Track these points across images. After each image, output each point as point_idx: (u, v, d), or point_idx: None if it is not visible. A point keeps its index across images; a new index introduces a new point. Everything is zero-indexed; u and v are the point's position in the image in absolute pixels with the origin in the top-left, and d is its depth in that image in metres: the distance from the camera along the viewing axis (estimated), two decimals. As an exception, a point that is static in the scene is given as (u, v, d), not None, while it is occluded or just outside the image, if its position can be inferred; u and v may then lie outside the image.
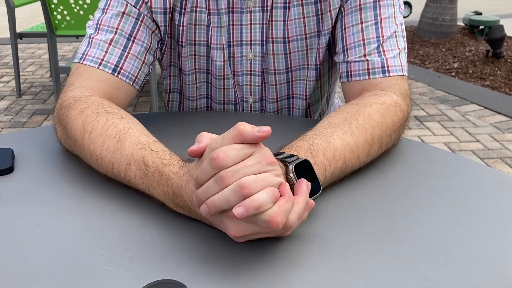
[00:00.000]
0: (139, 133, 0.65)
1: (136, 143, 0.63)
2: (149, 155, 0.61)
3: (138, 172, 0.61)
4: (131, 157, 0.62)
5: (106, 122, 0.67)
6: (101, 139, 0.65)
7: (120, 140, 0.64)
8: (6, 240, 0.55)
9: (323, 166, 0.61)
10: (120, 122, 0.67)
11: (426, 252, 0.53)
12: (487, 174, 0.70)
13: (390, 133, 0.72)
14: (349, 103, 0.76)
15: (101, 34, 0.80)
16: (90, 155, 0.66)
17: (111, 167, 0.64)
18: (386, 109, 0.73)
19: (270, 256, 0.52)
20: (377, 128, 0.70)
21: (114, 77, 0.79)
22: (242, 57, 0.89)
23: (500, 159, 2.50)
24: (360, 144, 0.67)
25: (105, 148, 0.64)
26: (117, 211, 0.61)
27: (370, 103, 0.73)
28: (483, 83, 3.61)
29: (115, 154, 0.63)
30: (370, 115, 0.70)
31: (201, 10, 0.85)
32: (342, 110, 0.72)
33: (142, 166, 0.60)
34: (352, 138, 0.66)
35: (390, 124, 0.72)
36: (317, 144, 0.63)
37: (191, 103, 0.98)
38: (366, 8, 0.81)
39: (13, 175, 0.69)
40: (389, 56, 0.80)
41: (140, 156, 0.61)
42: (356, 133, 0.67)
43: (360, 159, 0.67)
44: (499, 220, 0.59)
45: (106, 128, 0.66)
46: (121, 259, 0.52)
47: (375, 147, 0.69)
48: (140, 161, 0.61)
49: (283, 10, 0.85)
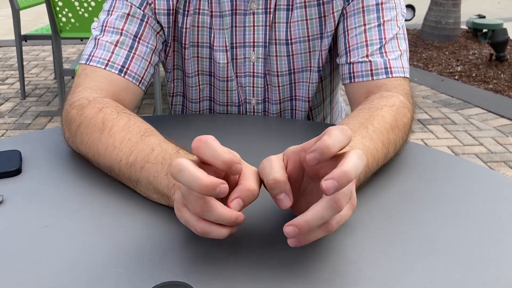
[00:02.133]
0: (164, 137, 0.65)
1: (164, 140, 0.63)
2: (181, 148, 0.61)
3: (162, 153, 0.60)
4: (157, 145, 0.62)
5: (129, 122, 0.67)
6: (122, 133, 0.65)
7: (145, 135, 0.64)
8: (14, 241, 0.56)
9: None
10: (142, 124, 0.68)
11: (430, 255, 0.54)
12: (492, 178, 0.71)
13: (402, 136, 0.73)
14: (360, 107, 0.76)
15: (107, 36, 0.81)
16: (107, 147, 0.65)
17: (128, 155, 0.63)
18: (397, 111, 0.73)
19: (276, 260, 0.53)
20: (391, 131, 0.70)
21: (121, 77, 0.80)
22: (245, 59, 0.90)
23: (503, 162, 2.50)
24: (379, 148, 0.66)
25: (127, 139, 0.64)
26: (125, 213, 0.61)
27: (381, 106, 0.73)
28: (487, 86, 3.61)
29: (137, 144, 0.63)
30: (384, 118, 0.70)
31: (204, 12, 0.86)
32: (356, 116, 0.72)
33: (171, 150, 0.60)
34: (371, 143, 0.65)
35: (401, 127, 0.72)
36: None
37: (194, 106, 0.99)
38: (369, 10, 0.82)
39: (21, 177, 0.70)
40: (391, 58, 0.81)
41: (169, 146, 0.61)
42: (374, 138, 0.66)
43: (379, 163, 0.67)
44: (503, 224, 0.60)
45: (128, 126, 0.66)
46: (129, 261, 0.52)
47: (391, 150, 0.70)
48: (169, 147, 0.61)
49: (286, 12, 0.85)
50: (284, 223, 0.58)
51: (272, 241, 0.55)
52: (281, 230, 0.57)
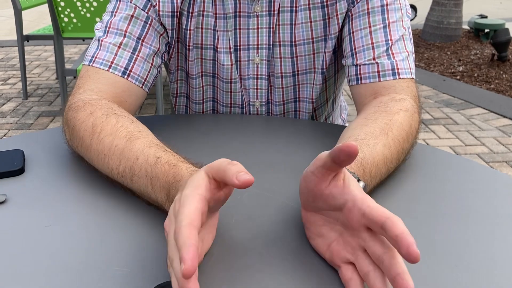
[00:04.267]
0: (151, 137, 0.66)
1: (149, 143, 0.63)
2: (163, 152, 0.61)
3: (145, 165, 0.60)
4: (140, 153, 0.62)
5: (116, 124, 0.68)
6: (110, 138, 0.65)
7: (130, 139, 0.64)
8: (16, 240, 0.56)
9: (367, 183, 0.61)
10: (130, 125, 0.68)
11: (433, 254, 0.54)
12: (494, 177, 0.71)
13: (413, 143, 0.73)
14: (375, 108, 0.75)
15: (110, 37, 0.81)
16: (98, 154, 0.66)
17: (117, 164, 0.63)
18: (411, 117, 0.73)
19: (278, 259, 0.53)
20: (407, 140, 0.70)
21: (124, 79, 0.80)
22: (249, 61, 0.90)
23: (505, 162, 2.50)
24: (394, 158, 0.67)
25: (114, 146, 0.64)
26: (128, 212, 0.61)
27: (397, 110, 0.73)
28: (489, 86, 3.60)
29: (123, 151, 0.63)
30: (402, 124, 0.70)
31: (208, 14, 0.86)
32: (374, 118, 0.71)
33: (152, 159, 0.60)
34: (389, 152, 0.66)
35: (414, 134, 0.73)
36: (366, 159, 0.62)
37: (197, 107, 0.99)
38: (374, 12, 0.81)
39: (24, 176, 0.70)
40: (398, 59, 0.80)
41: (151, 152, 0.61)
42: (392, 147, 0.67)
43: (390, 171, 0.68)
44: (507, 223, 0.60)
45: (116, 129, 0.66)
46: (132, 260, 0.52)
47: (402, 158, 0.70)
48: (150, 155, 0.60)
49: (290, 14, 0.85)
50: (288, 223, 0.58)
51: (274, 241, 0.55)
52: (283, 230, 0.57)
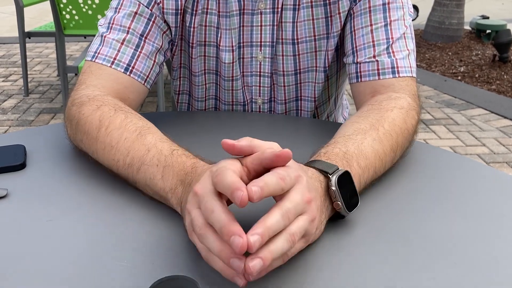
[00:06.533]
0: (161, 133, 0.66)
1: (160, 138, 0.63)
2: (177, 146, 0.61)
3: (158, 155, 0.60)
4: (152, 146, 0.62)
5: (125, 119, 0.68)
6: (119, 132, 0.65)
7: (141, 133, 0.64)
8: (18, 235, 0.56)
9: (358, 176, 0.61)
10: (139, 121, 0.68)
11: (433, 252, 0.54)
12: (494, 176, 0.71)
13: (410, 139, 0.73)
14: (369, 107, 0.75)
15: (114, 33, 0.81)
16: (104, 146, 0.66)
17: (125, 155, 0.63)
18: (406, 113, 0.73)
19: (279, 254, 0.53)
20: (401, 134, 0.70)
21: (126, 76, 0.80)
22: (252, 58, 0.90)
23: (506, 163, 2.50)
24: (387, 152, 0.66)
25: (123, 139, 0.64)
26: (129, 207, 0.61)
27: (391, 107, 0.73)
28: (490, 87, 3.60)
29: (134, 143, 0.63)
30: (394, 120, 0.70)
31: (212, 12, 0.86)
32: (366, 115, 0.72)
33: (167, 151, 0.60)
34: (380, 146, 0.65)
35: (410, 129, 0.73)
36: (350, 152, 0.62)
37: (199, 104, 0.99)
38: (376, 10, 0.81)
39: (25, 171, 0.70)
40: (398, 57, 0.80)
41: (165, 145, 0.61)
42: (383, 141, 0.66)
43: (386, 167, 0.68)
44: (506, 222, 0.60)
45: (125, 124, 0.66)
46: (132, 255, 0.52)
47: (398, 153, 0.70)
48: (164, 147, 0.61)
49: (292, 11, 0.85)
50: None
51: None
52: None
